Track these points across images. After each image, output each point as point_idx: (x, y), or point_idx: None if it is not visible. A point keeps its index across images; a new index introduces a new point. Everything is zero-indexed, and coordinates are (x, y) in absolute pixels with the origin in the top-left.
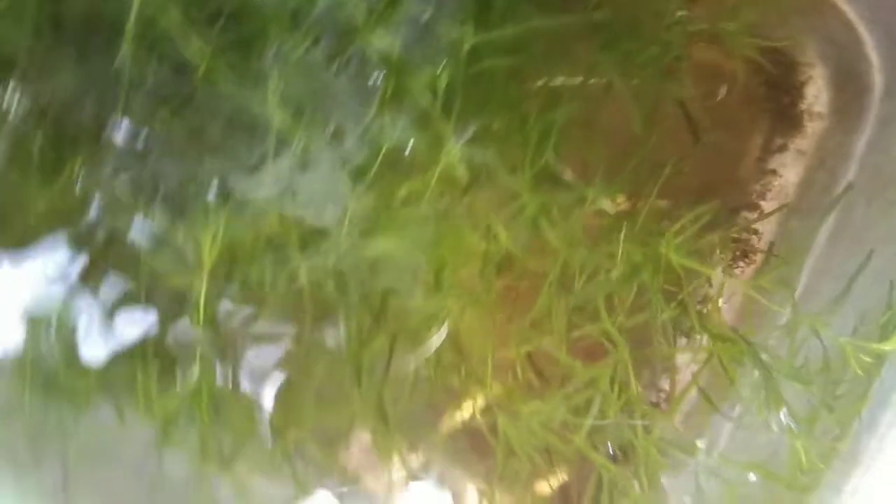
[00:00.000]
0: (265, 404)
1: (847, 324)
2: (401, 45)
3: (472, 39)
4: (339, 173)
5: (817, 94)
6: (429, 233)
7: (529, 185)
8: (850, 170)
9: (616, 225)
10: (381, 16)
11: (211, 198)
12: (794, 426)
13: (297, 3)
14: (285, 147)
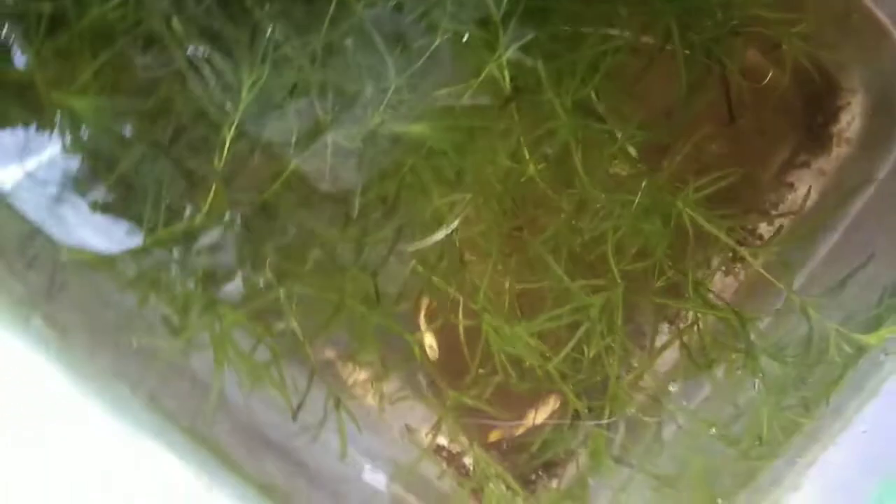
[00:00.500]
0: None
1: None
2: None
3: None
4: (391, 47)
5: (851, 120)
6: (461, 132)
7: (568, 109)
8: (867, 193)
9: (637, 174)
10: None
11: (261, 46)
12: (763, 395)
13: None
14: (344, 10)
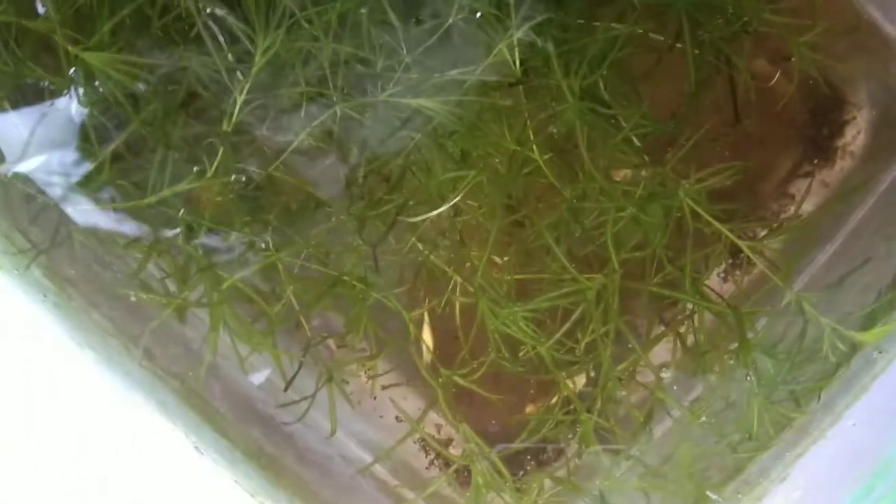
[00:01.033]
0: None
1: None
2: None
3: None
4: (405, 22)
5: (856, 134)
6: (471, 109)
7: (575, 93)
8: (868, 203)
9: (640, 165)
10: None
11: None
12: (755, 388)
13: None
14: None
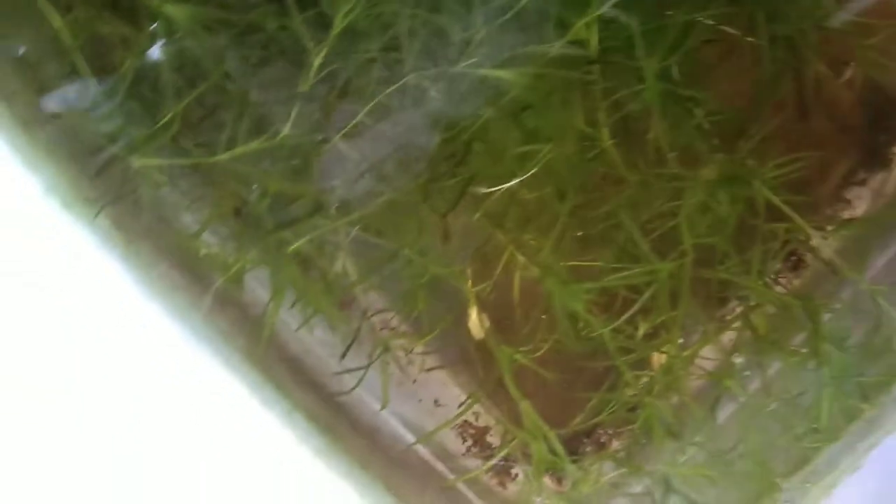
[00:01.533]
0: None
1: None
2: None
3: None
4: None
5: None
6: (545, 84)
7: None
8: None
9: (713, 151)
10: None
11: None
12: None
13: None
14: None
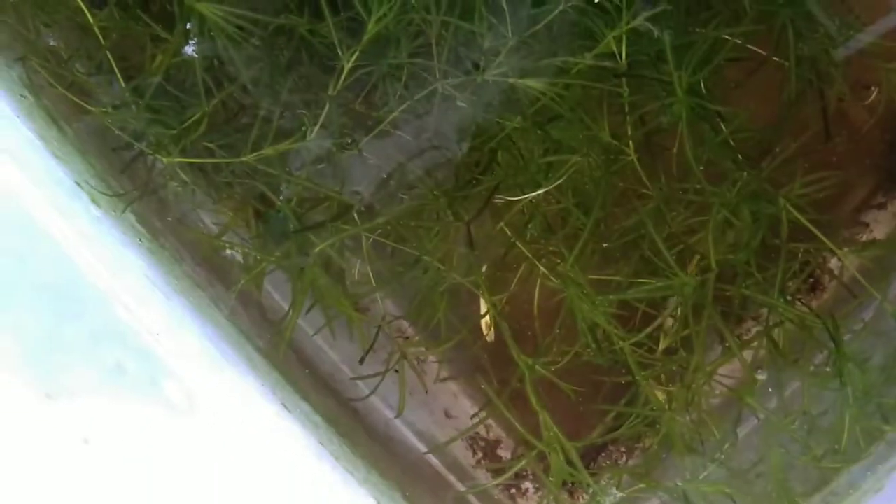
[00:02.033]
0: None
1: None
2: None
3: None
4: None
5: None
6: (572, 95)
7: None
8: None
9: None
10: None
11: None
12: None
13: None
14: None
